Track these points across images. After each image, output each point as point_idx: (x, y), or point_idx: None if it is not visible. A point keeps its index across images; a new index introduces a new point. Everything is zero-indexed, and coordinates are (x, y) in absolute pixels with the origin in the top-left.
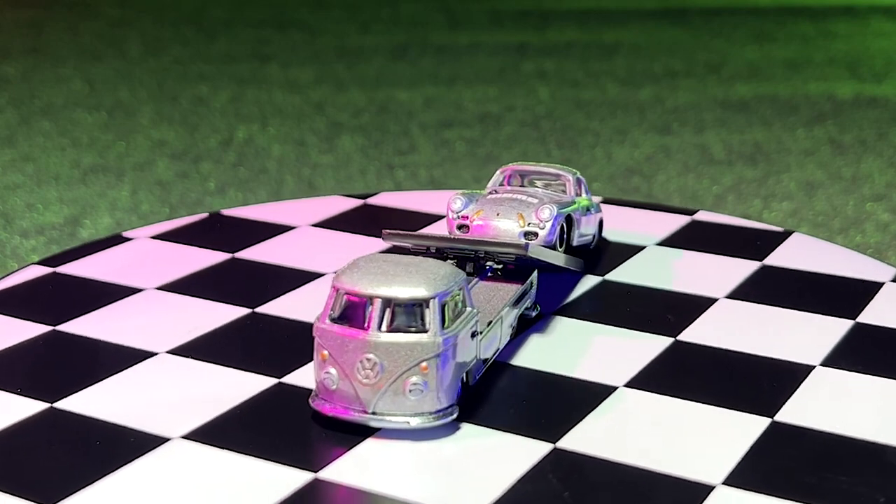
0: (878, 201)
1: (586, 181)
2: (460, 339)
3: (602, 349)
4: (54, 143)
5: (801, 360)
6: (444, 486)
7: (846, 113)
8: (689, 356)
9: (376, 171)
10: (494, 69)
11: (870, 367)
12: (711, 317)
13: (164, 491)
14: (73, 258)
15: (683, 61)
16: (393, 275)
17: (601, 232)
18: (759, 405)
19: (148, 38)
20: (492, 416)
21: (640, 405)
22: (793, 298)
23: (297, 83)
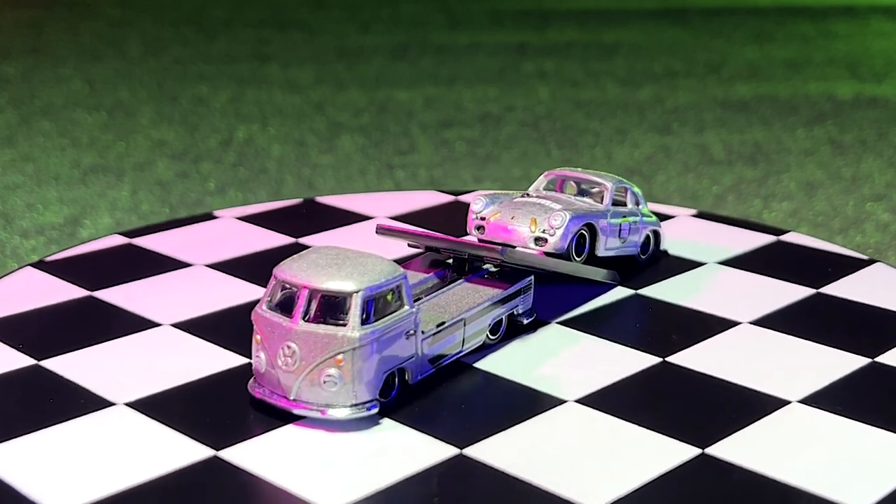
0: (878, 201)
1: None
2: (387, 336)
3: (574, 362)
4: (54, 143)
5: (778, 394)
6: (322, 478)
7: (846, 113)
8: (661, 378)
9: (376, 171)
10: (494, 69)
11: (854, 411)
12: (718, 341)
13: (75, 449)
14: (151, 232)
15: (683, 61)
16: (327, 267)
17: (658, 244)
18: (693, 434)
19: (148, 38)
20: (419, 416)
21: (573, 421)
22: (820, 331)
23: (297, 83)
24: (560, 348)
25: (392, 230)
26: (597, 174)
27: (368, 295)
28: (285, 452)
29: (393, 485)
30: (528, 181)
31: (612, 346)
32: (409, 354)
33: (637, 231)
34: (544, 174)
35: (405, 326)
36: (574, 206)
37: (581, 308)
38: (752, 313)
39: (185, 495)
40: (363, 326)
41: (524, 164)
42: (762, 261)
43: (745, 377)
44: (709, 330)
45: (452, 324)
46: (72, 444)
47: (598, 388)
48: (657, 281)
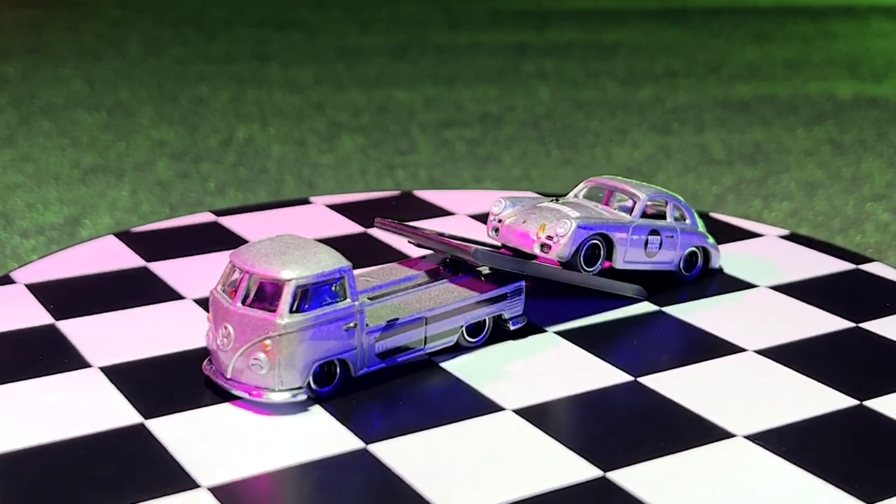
0: (878, 201)
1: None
2: (319, 326)
3: (539, 371)
4: (54, 143)
5: (726, 427)
6: (221, 454)
7: (846, 113)
8: (614, 397)
9: (376, 171)
10: (494, 69)
11: (797, 455)
12: (706, 367)
13: (39, 401)
14: (243, 212)
15: (683, 61)
16: (275, 255)
17: (708, 263)
18: (603, 457)
19: (148, 38)
20: (349, 407)
21: (495, 429)
22: (820, 367)
23: (297, 83)
24: (534, 357)
25: (387, 224)
26: (634, 185)
27: (301, 285)
28: (204, 426)
29: (276, 470)
30: (529, 181)
31: (592, 360)
32: (347, 347)
33: (674, 246)
34: (585, 181)
35: (343, 319)
36: (589, 215)
37: (590, 319)
38: (764, 342)
39: (92, 455)
40: (292, 314)
41: (524, 164)
42: (819, 288)
43: (703, 405)
44: (706, 354)
45: (409, 322)
46: (28, 396)
47: (542, 401)
48: (692, 299)
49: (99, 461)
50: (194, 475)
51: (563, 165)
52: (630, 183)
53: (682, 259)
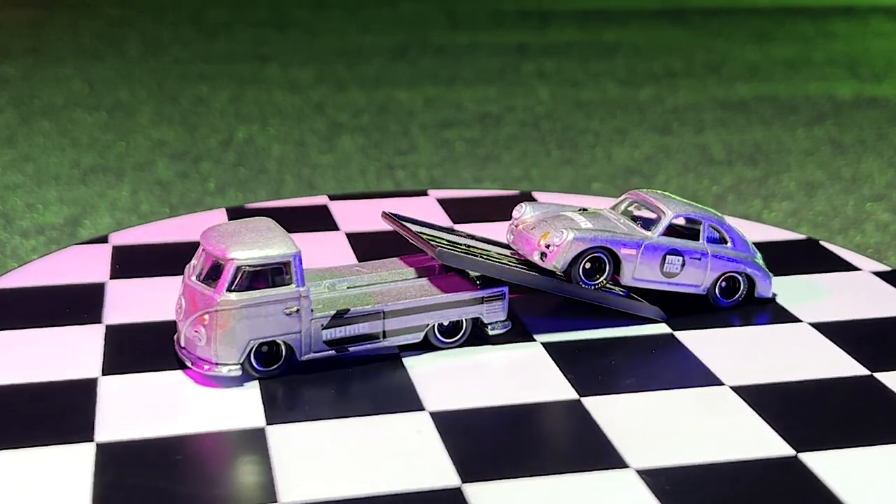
0: (878, 201)
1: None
2: (257, 307)
3: (486, 377)
4: (54, 143)
5: (626, 457)
6: (133, 415)
7: (846, 113)
8: (530, 414)
9: (376, 171)
10: (494, 69)
11: (676, 497)
12: (668, 395)
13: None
14: (356, 198)
15: (683, 61)
16: (231, 235)
17: (752, 291)
18: (464, 470)
19: (148, 38)
20: (274, 388)
21: (396, 428)
22: (791, 412)
23: (297, 83)
24: (495, 364)
25: (391, 219)
26: (667, 200)
27: (242, 266)
28: (138, 390)
29: (160, 437)
30: (529, 181)
31: (551, 373)
32: (289, 330)
33: (702, 268)
34: (626, 193)
35: (285, 303)
36: (595, 228)
37: (588, 334)
38: (749, 379)
39: (32, 398)
40: (230, 293)
41: (524, 164)
42: (864, 331)
43: (621, 435)
44: (673, 383)
45: (362, 313)
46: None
47: (463, 407)
48: (714, 327)
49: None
50: (100, 427)
51: (563, 165)
52: (664, 199)
53: (715, 284)
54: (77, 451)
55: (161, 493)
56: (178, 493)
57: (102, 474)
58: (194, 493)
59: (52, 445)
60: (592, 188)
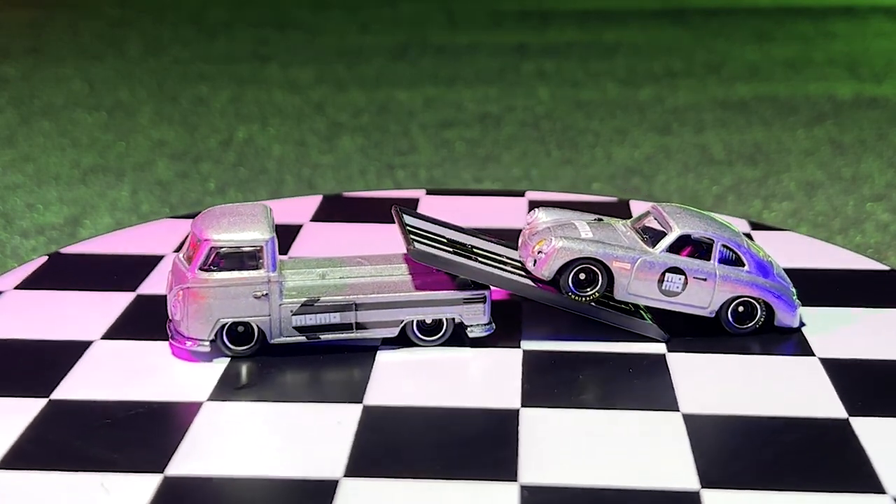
0: (878, 201)
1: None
2: (225, 288)
3: (433, 379)
4: (54, 143)
5: (519, 470)
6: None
7: (846, 113)
8: (469, 420)
9: (376, 171)
10: (494, 69)
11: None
12: (613, 415)
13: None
14: (454, 193)
15: (683, 61)
16: (217, 218)
17: (771, 319)
18: (354, 468)
19: (148, 38)
20: (239, 368)
21: (324, 418)
22: (723, 448)
23: (297, 83)
24: (457, 364)
25: (397, 211)
26: (678, 217)
27: (216, 247)
28: (121, 356)
29: (105, 400)
30: (529, 181)
31: (508, 381)
32: (259, 313)
33: (708, 290)
34: (650, 206)
35: (254, 286)
36: (588, 238)
37: (575, 346)
38: (708, 408)
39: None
40: (201, 271)
41: (524, 164)
42: (866, 371)
43: (530, 448)
44: (626, 403)
45: (332, 304)
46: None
47: (396, 404)
48: (717, 352)
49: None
50: (63, 385)
51: (563, 165)
52: (680, 215)
53: (727, 308)
54: (27, 405)
55: (72, 450)
56: (85, 453)
57: (32, 428)
58: (100, 455)
59: (8, 397)
60: (592, 188)
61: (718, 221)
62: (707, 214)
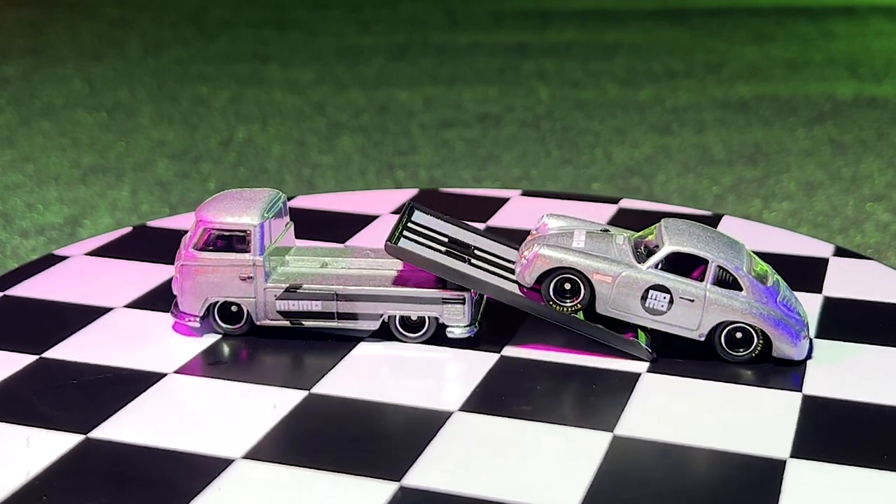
0: (878, 201)
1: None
2: (213, 268)
3: (390, 374)
4: (54, 143)
5: (394, 470)
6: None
7: (846, 113)
8: (391, 417)
9: (376, 171)
10: (494, 69)
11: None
12: (538, 428)
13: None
14: (545, 196)
15: (683, 61)
16: (222, 201)
17: (769, 349)
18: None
19: (148, 38)
20: (220, 345)
21: (252, 400)
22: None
23: (297, 83)
24: (424, 363)
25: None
26: (673, 233)
27: (207, 228)
28: (134, 324)
29: (86, 363)
30: (529, 181)
31: (463, 384)
32: (245, 295)
33: (695, 312)
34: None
35: (241, 268)
36: (574, 248)
37: (554, 356)
38: (641, 432)
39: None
40: (194, 250)
41: (524, 164)
42: (847, 413)
43: (431, 450)
44: (565, 419)
45: (314, 292)
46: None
47: (339, 395)
48: (698, 377)
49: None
50: (61, 346)
51: (563, 165)
52: (679, 231)
53: (719, 333)
54: (17, 360)
55: (22, 403)
56: (34, 408)
57: (8, 380)
58: (45, 412)
59: (7, 351)
60: (592, 188)
61: (726, 241)
62: (716, 233)
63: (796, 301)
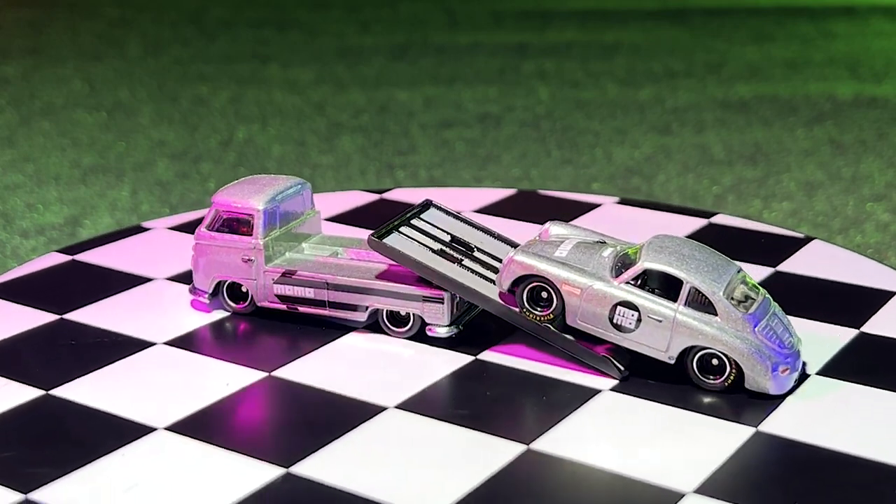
0: (878, 201)
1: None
2: (218, 248)
3: (352, 365)
4: (54, 143)
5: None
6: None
7: (846, 113)
8: (329, 409)
9: (376, 171)
10: (494, 69)
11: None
12: (456, 432)
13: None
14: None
15: (683, 61)
16: (241, 184)
17: (741, 379)
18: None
19: (148, 38)
20: (220, 323)
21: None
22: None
23: (297, 83)
24: (391, 358)
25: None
26: (653, 251)
27: (219, 210)
28: (161, 293)
29: (92, 326)
30: (529, 181)
31: (418, 383)
32: (247, 276)
33: (663, 333)
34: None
35: (242, 251)
36: (551, 256)
37: (530, 365)
38: (556, 449)
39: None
40: (206, 230)
41: (524, 164)
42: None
43: (341, 441)
44: (490, 427)
45: (306, 279)
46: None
47: (293, 380)
48: (660, 402)
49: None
50: (84, 310)
51: (563, 165)
52: (662, 248)
53: (691, 357)
54: (38, 317)
55: (14, 357)
56: (23, 364)
57: (23, 334)
58: (29, 367)
59: (32, 308)
60: (592, 188)
61: (714, 262)
62: (707, 253)
63: (786, 331)
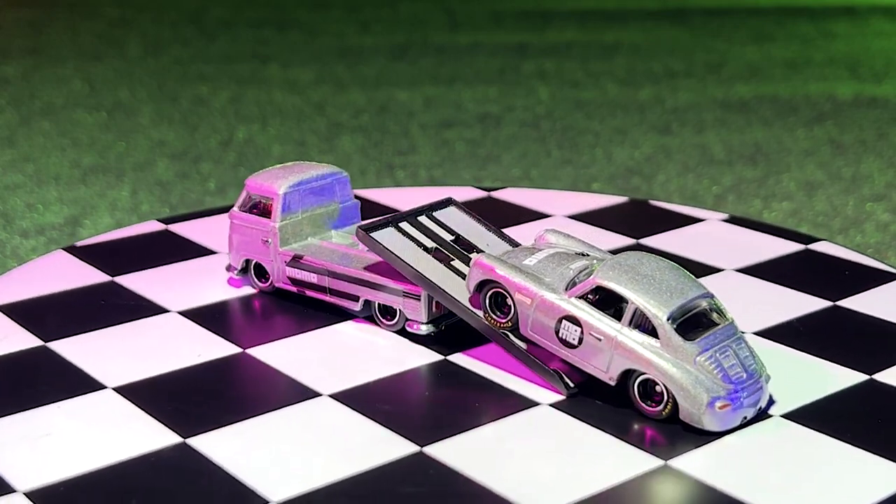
0: (878, 201)
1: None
2: (245, 229)
3: (330, 355)
4: (54, 143)
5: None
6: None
7: (846, 113)
8: (275, 389)
9: (376, 171)
10: (494, 69)
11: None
12: (356, 431)
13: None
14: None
15: (683, 61)
16: (277, 168)
17: (668, 401)
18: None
19: (148, 38)
20: (239, 303)
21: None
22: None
23: (297, 83)
24: (366, 352)
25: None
26: (613, 268)
27: (250, 192)
28: (202, 269)
29: (130, 290)
30: (529, 181)
31: (364, 375)
32: (265, 256)
33: (604, 352)
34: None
35: (262, 232)
36: (522, 264)
37: (494, 373)
38: (442, 456)
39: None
40: (238, 210)
41: (524, 164)
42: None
43: (271, 421)
44: (397, 426)
45: (311, 265)
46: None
47: (266, 361)
48: (585, 422)
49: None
50: (130, 276)
51: (563, 165)
52: (620, 266)
53: (632, 380)
54: (94, 277)
55: (49, 313)
56: (44, 316)
57: (64, 294)
58: (49, 319)
59: (93, 268)
60: (592, 188)
61: (675, 285)
62: (673, 273)
63: (739, 365)
